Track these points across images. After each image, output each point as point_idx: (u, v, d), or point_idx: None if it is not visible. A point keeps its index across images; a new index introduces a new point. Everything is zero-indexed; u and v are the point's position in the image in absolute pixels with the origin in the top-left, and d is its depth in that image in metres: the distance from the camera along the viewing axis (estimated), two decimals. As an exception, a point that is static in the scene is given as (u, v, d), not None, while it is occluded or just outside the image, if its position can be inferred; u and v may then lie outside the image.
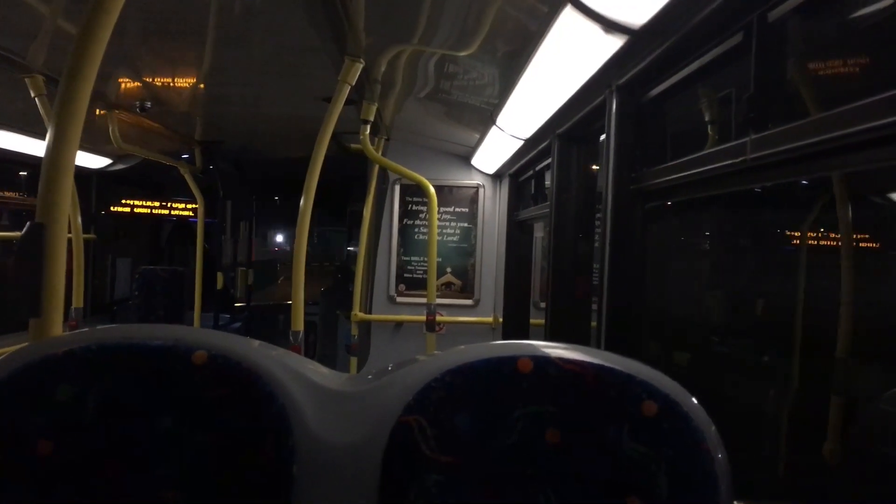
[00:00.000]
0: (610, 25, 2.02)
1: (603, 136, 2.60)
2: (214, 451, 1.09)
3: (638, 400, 1.07)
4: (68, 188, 1.52)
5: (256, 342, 1.21)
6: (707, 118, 2.41)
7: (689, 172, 1.99)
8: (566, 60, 2.46)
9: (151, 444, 1.09)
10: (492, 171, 5.75)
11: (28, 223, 1.46)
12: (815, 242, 3.47)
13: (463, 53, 3.03)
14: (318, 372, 1.22)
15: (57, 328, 1.47)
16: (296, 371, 1.17)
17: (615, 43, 2.11)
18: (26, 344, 1.17)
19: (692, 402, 1.09)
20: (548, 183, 3.93)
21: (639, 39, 2.05)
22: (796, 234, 3.53)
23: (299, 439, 1.10)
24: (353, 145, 5.31)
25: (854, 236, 2.72)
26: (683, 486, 1.05)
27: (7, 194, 6.78)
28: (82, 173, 6.68)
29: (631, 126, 2.41)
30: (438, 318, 5.30)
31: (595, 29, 2.06)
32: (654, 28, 1.95)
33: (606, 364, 1.09)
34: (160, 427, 1.09)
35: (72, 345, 1.11)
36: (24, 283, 1.45)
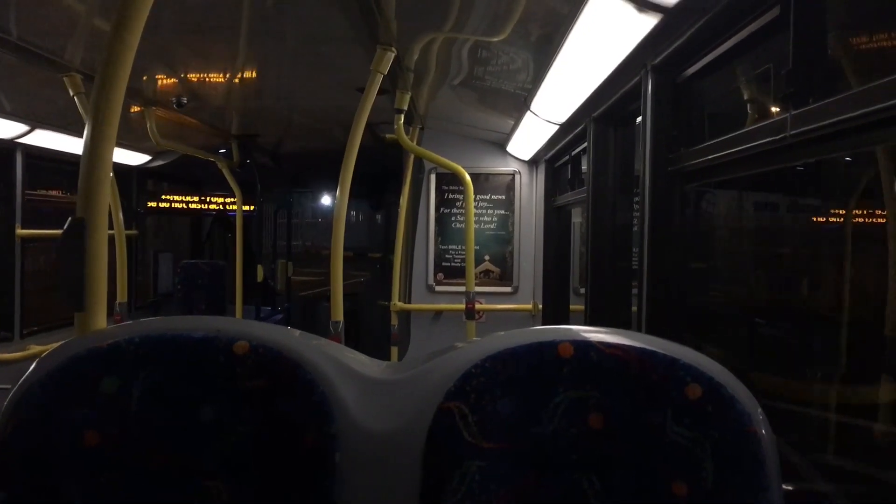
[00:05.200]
0: (644, 4, 1.99)
1: (639, 118, 2.57)
2: (257, 440, 1.10)
3: (682, 383, 1.05)
4: (107, 183, 1.53)
5: (297, 332, 1.22)
6: (745, 96, 2.36)
7: (728, 151, 1.95)
8: (600, 42, 2.42)
9: (195, 433, 1.10)
10: (527, 157, 5.71)
11: (69, 218, 1.47)
12: (861, 220, 3.39)
13: (495, 39, 3.00)
14: (358, 360, 1.22)
15: (101, 322, 1.49)
16: (336, 360, 1.17)
17: (649, 22, 2.08)
18: (72, 338, 1.19)
19: (738, 384, 1.07)
20: (584, 167, 3.89)
21: (673, 17, 2.02)
22: (840, 211, 3.45)
23: (341, 427, 1.11)
24: (387, 135, 5.32)
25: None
26: (730, 470, 1.03)
27: (51, 193, 6.88)
28: (123, 171, 6.77)
29: (667, 106, 2.37)
30: (478, 306, 5.28)
31: (628, 8, 2.03)
32: (688, 5, 1.91)
33: (649, 347, 1.08)
34: (203, 417, 1.10)
35: (116, 337, 1.12)
36: (67, 277, 1.47)
